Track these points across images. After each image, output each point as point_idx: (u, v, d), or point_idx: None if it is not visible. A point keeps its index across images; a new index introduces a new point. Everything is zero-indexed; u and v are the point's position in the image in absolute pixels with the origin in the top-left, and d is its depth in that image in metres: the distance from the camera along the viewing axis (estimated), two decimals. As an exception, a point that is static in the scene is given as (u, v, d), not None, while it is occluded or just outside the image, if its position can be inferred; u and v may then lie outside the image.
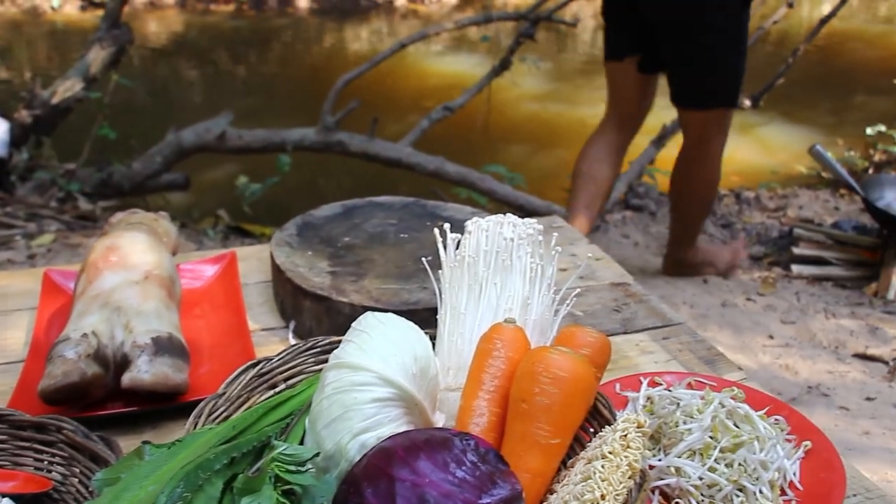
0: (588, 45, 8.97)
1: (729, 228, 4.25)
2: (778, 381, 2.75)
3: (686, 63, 3.12)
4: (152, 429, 1.18)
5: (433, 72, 7.22)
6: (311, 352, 1.12)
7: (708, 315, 3.23)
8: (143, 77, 6.96)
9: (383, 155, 4.30)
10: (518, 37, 4.78)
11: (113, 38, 3.97)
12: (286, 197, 4.55)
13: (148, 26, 8.52)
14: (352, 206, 1.65)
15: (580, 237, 1.79)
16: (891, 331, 3.08)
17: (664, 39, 3.11)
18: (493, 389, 0.95)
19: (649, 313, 1.51)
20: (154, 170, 4.15)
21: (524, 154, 5.68)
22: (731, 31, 3.03)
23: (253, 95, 6.81)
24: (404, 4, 9.79)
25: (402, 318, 1.00)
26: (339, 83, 4.41)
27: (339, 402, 0.91)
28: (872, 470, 2.21)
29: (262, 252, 1.64)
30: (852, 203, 4.54)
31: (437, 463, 0.80)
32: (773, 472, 1.03)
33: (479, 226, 1.12)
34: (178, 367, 1.19)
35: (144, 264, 1.30)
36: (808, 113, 5.92)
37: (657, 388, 1.19)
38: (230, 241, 3.97)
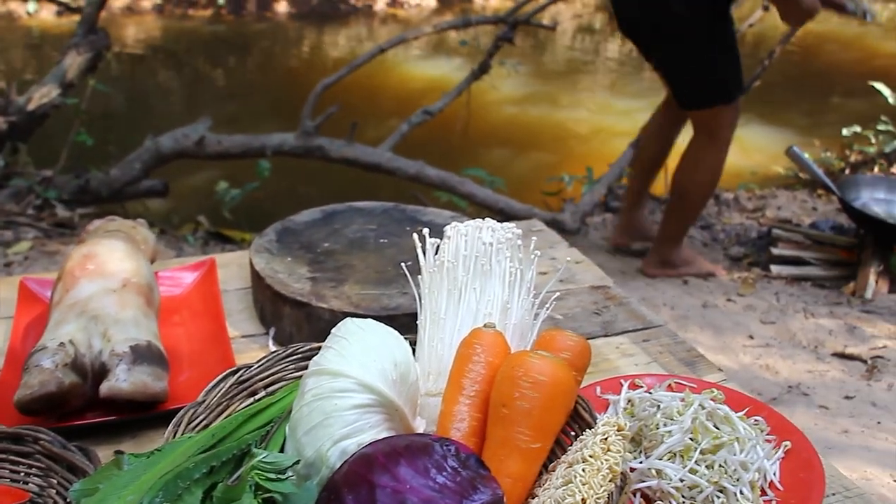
0: (567, 48, 9.01)
1: (708, 230, 4.27)
2: (758, 381, 2.77)
3: (667, 68, 3.30)
4: (132, 438, 1.17)
5: (413, 76, 7.22)
6: (291, 358, 1.12)
7: (688, 316, 3.24)
8: (120, 83, 6.91)
9: (363, 159, 4.29)
10: (497, 40, 4.80)
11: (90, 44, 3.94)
12: (267, 202, 4.54)
13: (125, 31, 8.47)
14: (331, 212, 1.65)
15: (560, 240, 1.79)
16: (868, 330, 3.11)
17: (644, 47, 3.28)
18: (474, 394, 0.95)
19: (629, 316, 1.51)
20: (132, 176, 4.11)
21: (504, 157, 5.69)
22: (697, 35, 3.12)
23: (232, 101, 6.78)
24: (383, 9, 9.79)
25: (382, 323, 1.00)
26: (318, 88, 4.40)
27: (320, 408, 0.91)
28: (851, 468, 2.23)
29: (242, 258, 1.64)
30: (829, 203, 4.58)
31: (418, 469, 0.80)
32: (754, 472, 1.04)
33: (458, 230, 1.12)
34: (158, 376, 1.18)
35: (122, 272, 1.29)
36: (785, 114, 5.97)
37: (638, 391, 1.20)
38: (210, 247, 3.95)
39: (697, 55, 3.18)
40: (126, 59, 7.70)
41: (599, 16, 9.66)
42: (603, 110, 6.66)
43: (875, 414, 2.54)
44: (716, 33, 3.14)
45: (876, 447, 2.35)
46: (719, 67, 3.21)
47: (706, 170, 3.41)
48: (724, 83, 3.24)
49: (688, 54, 3.19)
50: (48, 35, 8.25)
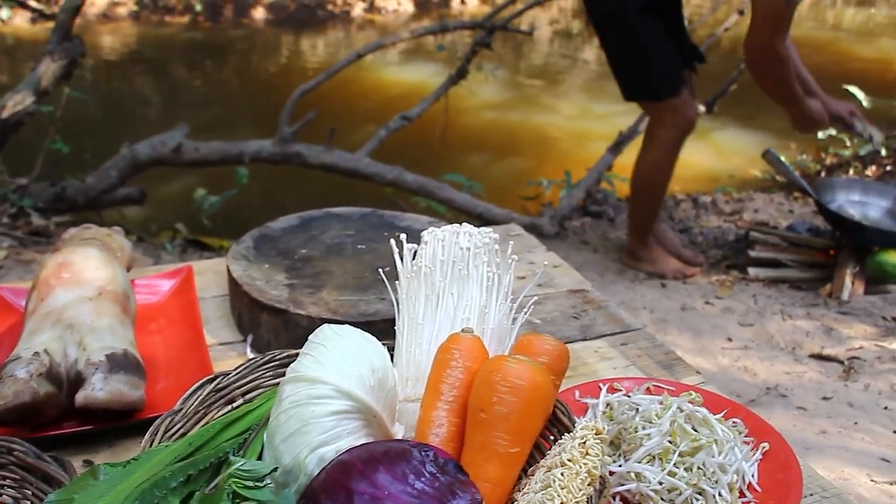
0: (545, 53, 9.04)
1: (687, 233, 4.30)
2: (737, 383, 2.79)
3: (608, 59, 3.48)
4: (108, 448, 1.16)
5: (391, 81, 7.22)
6: (268, 366, 1.11)
7: (667, 319, 3.26)
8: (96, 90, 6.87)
9: (341, 165, 4.28)
10: (474, 45, 4.80)
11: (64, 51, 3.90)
12: (245, 209, 4.52)
13: (101, 38, 8.42)
14: (309, 218, 1.65)
15: (538, 245, 1.80)
16: (845, 331, 3.14)
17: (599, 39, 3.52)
18: (452, 399, 0.95)
19: (608, 319, 1.52)
20: (109, 184, 4.08)
21: (483, 162, 5.70)
22: (626, 29, 3.31)
23: (209, 108, 6.75)
24: (361, 15, 9.79)
25: (360, 329, 0.99)
26: (296, 94, 4.39)
27: (297, 415, 0.90)
28: (829, 468, 2.24)
29: (219, 266, 1.63)
30: (806, 206, 4.62)
31: (396, 475, 0.80)
32: (732, 474, 1.04)
33: (435, 236, 1.12)
34: (134, 384, 1.17)
35: (98, 280, 1.28)
36: (762, 118, 6.01)
37: (616, 394, 1.20)
38: (188, 254, 3.93)
39: (626, 49, 3.36)
40: (102, 66, 7.66)
41: (576, 21, 9.71)
42: (581, 115, 6.69)
43: (852, 414, 2.56)
44: (644, 29, 3.27)
45: (853, 447, 2.37)
46: (642, 62, 3.34)
47: (644, 168, 3.56)
48: (649, 80, 3.37)
49: (618, 47, 3.39)
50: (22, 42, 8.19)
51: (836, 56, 7.83)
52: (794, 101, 3.22)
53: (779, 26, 3.00)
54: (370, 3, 9.84)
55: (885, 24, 10.29)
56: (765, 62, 3.08)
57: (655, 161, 3.51)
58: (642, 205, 3.65)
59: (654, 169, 3.53)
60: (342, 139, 4.55)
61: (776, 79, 3.14)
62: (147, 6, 9.04)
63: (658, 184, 3.57)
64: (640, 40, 3.31)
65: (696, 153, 5.31)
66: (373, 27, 9.50)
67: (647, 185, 3.59)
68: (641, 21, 3.26)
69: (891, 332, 3.13)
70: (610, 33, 3.40)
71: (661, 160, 3.50)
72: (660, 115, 3.44)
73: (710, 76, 3.81)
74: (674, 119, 3.39)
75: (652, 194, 3.61)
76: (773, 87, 3.20)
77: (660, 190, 3.62)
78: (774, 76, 3.13)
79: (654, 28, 3.27)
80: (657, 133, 3.48)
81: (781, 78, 3.12)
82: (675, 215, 4.55)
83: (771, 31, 3.00)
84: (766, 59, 3.06)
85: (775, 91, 3.22)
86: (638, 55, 3.34)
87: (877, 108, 5.47)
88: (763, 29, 3.02)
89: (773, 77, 3.14)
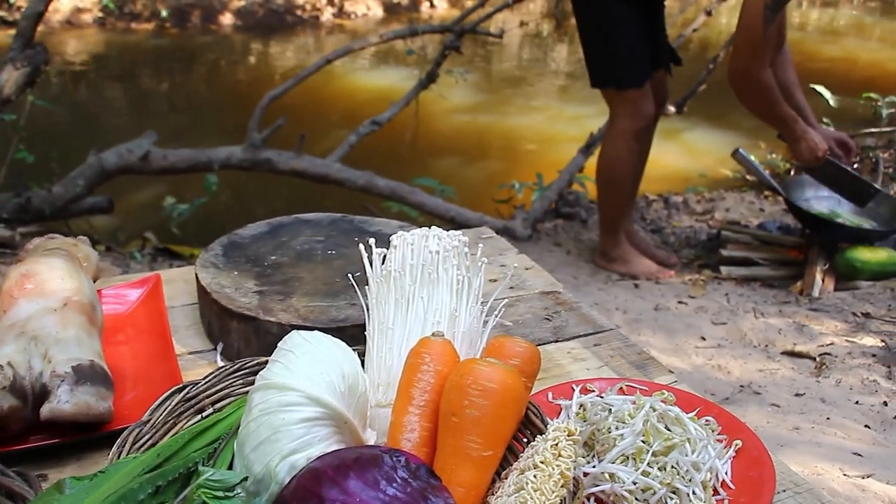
0: (515, 56, 9.06)
1: (659, 233, 4.32)
2: (711, 381, 2.80)
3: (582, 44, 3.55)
4: (76, 461, 1.14)
5: (361, 86, 7.21)
6: (238, 374, 1.10)
7: (641, 319, 3.27)
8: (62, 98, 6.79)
9: (312, 171, 4.27)
10: (443, 49, 4.81)
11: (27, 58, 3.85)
12: (216, 216, 4.49)
13: (66, 46, 8.33)
14: (278, 224, 1.63)
15: (509, 247, 1.79)
16: (816, 327, 3.16)
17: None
18: (424, 404, 0.94)
19: (580, 320, 1.51)
20: (76, 193, 4.03)
21: (455, 166, 5.70)
22: (593, 15, 3.41)
23: (178, 115, 6.70)
24: (330, 19, 9.76)
25: (331, 335, 0.98)
26: (265, 100, 4.37)
27: (267, 423, 0.89)
28: (803, 463, 2.26)
29: (188, 274, 1.61)
30: (776, 204, 4.66)
31: (367, 481, 0.79)
32: (706, 472, 1.04)
33: (404, 240, 1.11)
34: (102, 395, 1.15)
35: (63, 291, 1.26)
36: (731, 117, 6.06)
37: (589, 395, 1.20)
38: (158, 263, 3.89)
39: (597, 33, 3.44)
40: (68, 74, 7.57)
41: (546, 23, 9.75)
42: (552, 117, 6.71)
43: (824, 410, 2.58)
44: (617, 16, 3.33)
45: (826, 442, 2.39)
46: (612, 49, 3.40)
47: (605, 160, 3.63)
48: (615, 67, 3.43)
49: (590, 31, 3.47)
50: (-16, 50, 8.09)
51: (802, 56, 7.90)
52: (783, 124, 3.29)
53: (758, 53, 3.10)
54: (339, 7, 9.82)
55: (849, 25, 10.44)
56: (745, 86, 3.18)
57: (615, 153, 3.56)
58: (608, 199, 3.68)
59: (614, 160, 3.57)
60: (312, 145, 4.53)
61: (760, 103, 3.24)
62: (112, 13, 8.95)
63: (620, 176, 3.60)
64: (612, 26, 3.36)
65: (668, 153, 5.35)
66: (342, 32, 9.48)
67: (609, 179, 3.62)
68: (616, 8, 3.32)
69: (861, 327, 3.16)
70: (585, 17, 3.47)
71: (621, 152, 3.53)
72: (619, 105, 3.49)
73: (679, 77, 3.84)
74: (632, 110, 3.45)
75: (616, 188, 3.64)
76: (759, 111, 3.31)
77: (623, 183, 3.64)
78: (757, 100, 3.23)
79: (627, 17, 3.32)
80: (616, 124, 3.54)
81: (765, 102, 3.22)
82: (646, 216, 4.57)
83: (749, 57, 3.10)
84: (747, 84, 3.17)
85: (764, 115, 3.33)
86: (607, 40, 3.40)
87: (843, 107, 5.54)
88: (742, 54, 3.12)
89: (757, 101, 3.24)
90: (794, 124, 3.28)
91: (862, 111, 5.76)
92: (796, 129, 3.29)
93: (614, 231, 3.73)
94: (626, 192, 3.68)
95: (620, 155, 3.54)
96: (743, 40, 3.12)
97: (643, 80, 3.38)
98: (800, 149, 3.34)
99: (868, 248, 3.53)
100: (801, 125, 3.30)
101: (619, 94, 3.47)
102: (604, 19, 3.38)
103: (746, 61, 3.11)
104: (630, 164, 3.56)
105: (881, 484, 2.21)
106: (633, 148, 3.52)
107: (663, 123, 3.99)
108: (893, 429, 2.50)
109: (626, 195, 3.70)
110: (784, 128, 3.33)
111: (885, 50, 8.91)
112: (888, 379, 2.77)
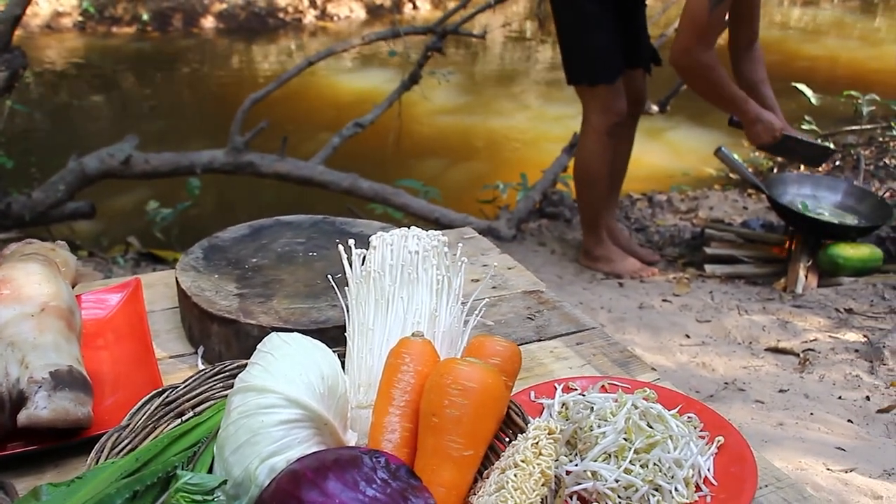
0: (498, 56, 9.07)
1: (643, 232, 4.33)
2: (696, 379, 2.81)
3: (559, 40, 3.58)
4: (55, 468, 1.13)
5: (344, 89, 7.20)
6: (218, 377, 1.09)
7: (625, 318, 3.27)
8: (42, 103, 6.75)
9: (295, 174, 4.25)
10: (426, 50, 4.80)
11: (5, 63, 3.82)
12: (200, 220, 4.47)
13: (46, 50, 8.28)
14: (259, 227, 1.62)
15: (492, 247, 1.79)
16: (800, 324, 3.18)
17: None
18: (404, 404, 0.94)
19: (563, 319, 1.51)
20: (57, 199, 4.00)
21: (439, 167, 5.70)
22: (568, 10, 3.44)
23: (160, 119, 6.67)
24: (313, 22, 9.74)
25: (313, 337, 0.98)
26: (246, 103, 4.35)
27: (246, 426, 0.89)
28: (787, 459, 2.27)
29: (168, 278, 1.60)
30: (759, 202, 4.68)
31: (347, 483, 0.78)
32: (688, 469, 1.04)
33: (383, 240, 1.11)
34: (80, 401, 1.14)
35: (40, 296, 1.25)
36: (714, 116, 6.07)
37: (572, 394, 1.20)
38: (141, 268, 3.87)
39: (571, 29, 3.47)
40: (48, 78, 7.53)
41: (529, 24, 9.76)
42: (536, 117, 6.72)
43: (808, 405, 2.59)
44: (591, 12, 3.35)
45: (809, 437, 2.40)
46: (585, 46, 3.44)
47: (580, 157, 3.65)
48: (586, 63, 3.47)
49: (565, 27, 3.50)
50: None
51: (783, 55, 7.96)
52: (734, 105, 3.29)
53: (701, 34, 3.10)
54: (322, 10, 9.80)
55: (830, 24, 10.50)
56: (687, 66, 3.19)
57: (588, 149, 3.57)
58: (585, 196, 3.70)
59: (588, 157, 3.59)
60: (296, 148, 4.52)
61: (703, 84, 3.24)
62: (93, 17, 8.90)
63: (595, 172, 3.61)
64: (584, 23, 3.40)
65: (651, 152, 5.37)
66: (325, 34, 9.46)
67: (584, 175, 3.64)
68: (589, 5, 3.34)
69: (843, 323, 3.17)
70: (560, 14, 3.50)
71: (594, 148, 3.55)
72: (591, 101, 3.51)
73: (661, 76, 3.86)
74: (603, 106, 3.47)
75: (591, 184, 3.65)
76: (704, 91, 3.30)
77: (599, 179, 3.64)
78: (700, 81, 3.23)
79: (602, 13, 3.35)
80: (588, 120, 3.55)
81: (710, 83, 3.22)
82: (631, 214, 4.59)
83: (693, 38, 3.10)
84: (688, 63, 3.17)
85: (712, 97, 3.31)
86: (580, 37, 3.43)
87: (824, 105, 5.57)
88: (686, 34, 3.12)
89: (700, 81, 3.24)
90: (745, 104, 3.29)
91: (843, 109, 5.80)
92: (749, 109, 3.29)
93: (595, 229, 3.74)
94: (602, 189, 3.69)
95: (594, 151, 3.55)
96: (687, 21, 3.11)
97: (614, 76, 3.39)
98: (756, 131, 3.34)
99: (850, 245, 3.55)
100: (753, 105, 3.30)
101: (591, 91, 3.49)
102: (577, 17, 3.41)
103: (689, 41, 3.10)
104: (604, 159, 3.57)
105: (864, 477, 2.22)
106: (606, 143, 3.52)
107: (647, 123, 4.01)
108: (876, 423, 2.51)
109: (603, 191, 3.70)
110: (735, 109, 3.33)
111: (865, 48, 8.97)
112: (870, 374, 2.78)
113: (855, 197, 3.84)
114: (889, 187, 4.62)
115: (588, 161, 3.59)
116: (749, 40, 3.41)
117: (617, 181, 3.85)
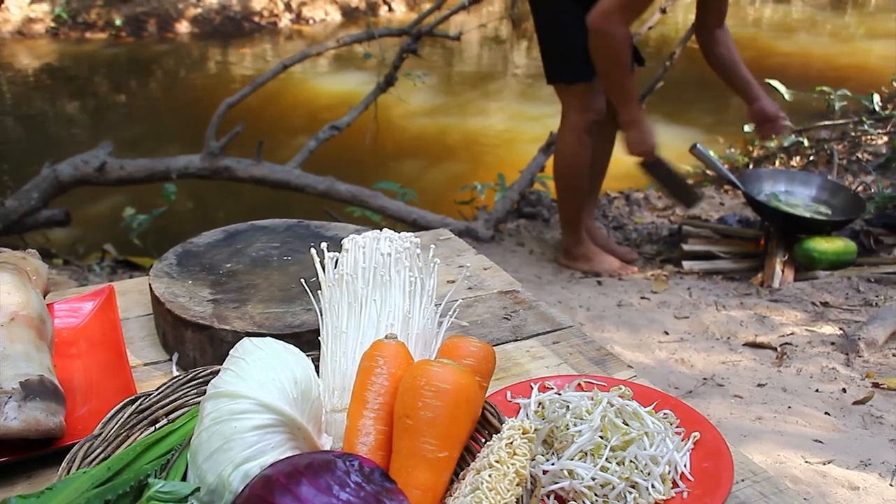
0: (474, 57, 9.08)
1: (621, 230, 4.34)
2: (675, 375, 2.82)
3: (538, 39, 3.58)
4: (27, 479, 1.11)
5: (320, 92, 7.18)
6: (192, 383, 1.09)
7: (604, 316, 3.28)
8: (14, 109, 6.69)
9: (271, 178, 4.24)
10: (401, 52, 4.79)
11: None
12: (177, 226, 4.44)
13: (17, 56, 8.20)
14: (234, 232, 1.61)
15: (467, 248, 1.79)
16: (777, 318, 3.20)
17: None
18: (378, 407, 0.93)
19: (539, 319, 1.51)
20: (31, 206, 3.97)
21: (416, 169, 5.69)
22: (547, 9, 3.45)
23: (134, 124, 6.63)
24: (288, 25, 9.71)
25: (287, 341, 0.97)
26: (222, 108, 4.33)
27: (219, 432, 0.88)
28: (766, 452, 2.28)
29: (142, 285, 1.58)
30: (735, 198, 4.71)
31: (320, 487, 0.78)
32: (664, 465, 1.04)
33: (356, 243, 1.10)
34: (52, 411, 1.13)
35: (9, 305, 1.23)
36: (689, 113, 6.12)
37: (548, 393, 1.20)
38: (118, 275, 3.84)
39: (549, 27, 3.47)
40: (20, 85, 7.46)
41: (505, 24, 9.77)
42: (513, 117, 6.73)
43: (785, 399, 2.61)
44: (567, 10, 3.35)
45: (787, 431, 2.41)
46: (563, 44, 3.43)
47: (559, 155, 3.65)
48: (564, 61, 3.46)
49: (543, 25, 3.50)
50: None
51: (757, 52, 8.01)
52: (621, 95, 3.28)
53: (625, 5, 3.11)
54: (297, 13, 9.77)
55: (802, 20, 10.59)
56: (600, 31, 3.14)
57: (567, 147, 3.58)
58: (565, 194, 3.70)
59: (567, 155, 3.59)
60: (272, 152, 4.50)
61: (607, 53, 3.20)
62: (66, 23, 8.83)
63: (575, 171, 3.61)
64: (562, 22, 3.40)
65: (627, 150, 5.37)
66: (301, 38, 9.43)
67: (564, 174, 3.65)
68: (567, 5, 3.35)
69: (820, 316, 3.20)
70: (538, 14, 3.50)
71: (573, 146, 3.55)
72: (569, 99, 3.53)
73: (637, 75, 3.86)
74: (581, 104, 3.48)
75: (572, 182, 3.65)
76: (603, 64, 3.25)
77: (579, 178, 3.65)
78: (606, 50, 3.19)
79: (581, 12, 3.32)
80: (567, 118, 3.56)
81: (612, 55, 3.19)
82: (608, 213, 4.60)
83: (617, 4, 3.09)
84: (602, 28, 3.13)
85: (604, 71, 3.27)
86: (557, 36, 3.43)
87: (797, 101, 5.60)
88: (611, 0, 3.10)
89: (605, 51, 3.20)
90: (632, 100, 3.28)
91: (816, 104, 5.83)
92: (633, 108, 3.28)
93: (575, 228, 3.74)
94: (582, 187, 3.69)
95: (573, 149, 3.56)
96: None
97: (592, 74, 3.40)
98: (630, 136, 3.34)
99: (825, 238, 3.58)
100: (638, 106, 3.30)
101: (569, 89, 3.50)
102: (556, 15, 3.41)
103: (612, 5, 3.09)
104: (583, 157, 3.57)
105: (841, 469, 2.24)
106: (585, 141, 3.53)
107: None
108: (852, 415, 2.53)
109: (583, 190, 3.70)
110: (622, 98, 3.29)
111: (836, 45, 9.06)
112: (846, 366, 2.80)
113: (829, 191, 3.88)
114: (862, 181, 4.66)
115: (568, 160, 3.60)
116: (718, 21, 3.43)
117: (596, 181, 3.86)
